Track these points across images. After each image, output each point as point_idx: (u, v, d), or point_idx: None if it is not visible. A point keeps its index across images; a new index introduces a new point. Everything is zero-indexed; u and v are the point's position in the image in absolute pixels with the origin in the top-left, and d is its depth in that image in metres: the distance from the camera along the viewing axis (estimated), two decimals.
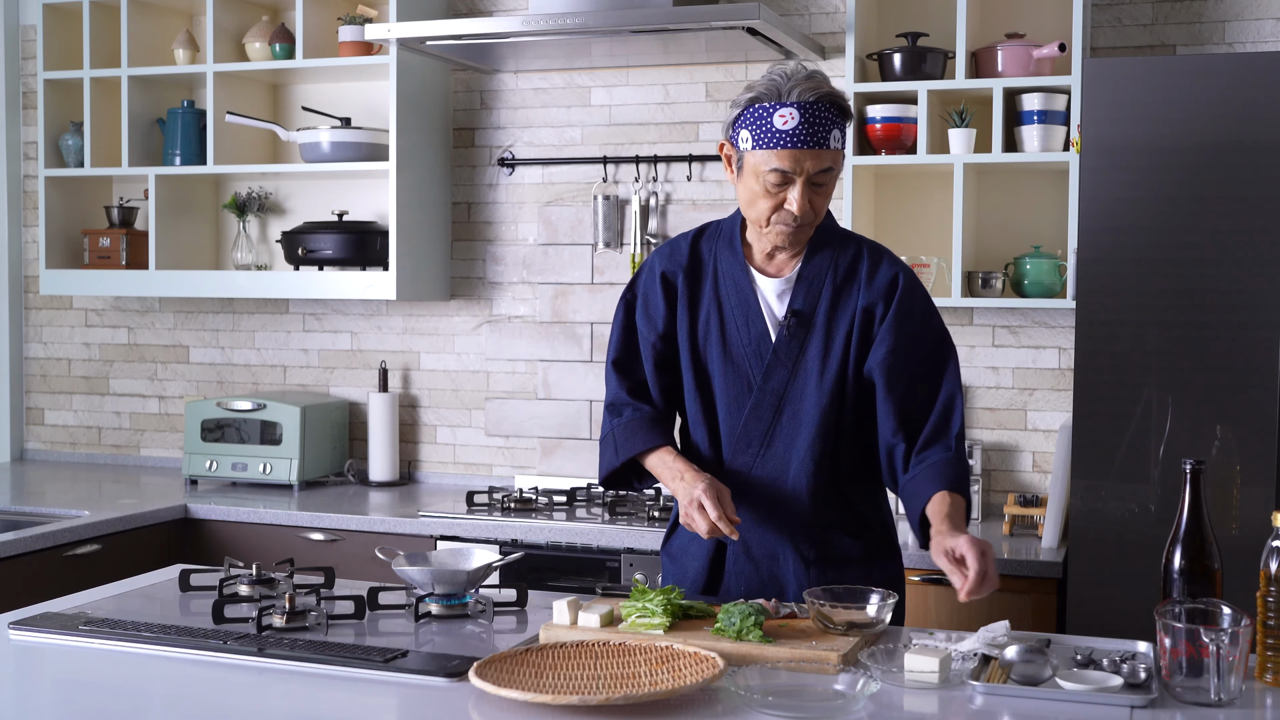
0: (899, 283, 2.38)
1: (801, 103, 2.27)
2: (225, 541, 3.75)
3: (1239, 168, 2.85)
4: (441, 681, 1.98)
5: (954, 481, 2.30)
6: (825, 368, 2.37)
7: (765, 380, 2.39)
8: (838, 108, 2.31)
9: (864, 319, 2.37)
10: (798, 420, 2.38)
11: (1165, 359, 2.91)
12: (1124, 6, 3.60)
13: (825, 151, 2.29)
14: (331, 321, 4.39)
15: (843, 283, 2.39)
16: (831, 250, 2.41)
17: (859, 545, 2.42)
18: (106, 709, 1.95)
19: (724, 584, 2.46)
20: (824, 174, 2.30)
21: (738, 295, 2.42)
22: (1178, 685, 1.88)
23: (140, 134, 4.28)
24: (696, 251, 2.49)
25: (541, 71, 4.10)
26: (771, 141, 2.28)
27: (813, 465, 2.38)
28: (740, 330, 2.41)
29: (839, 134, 2.31)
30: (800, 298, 2.39)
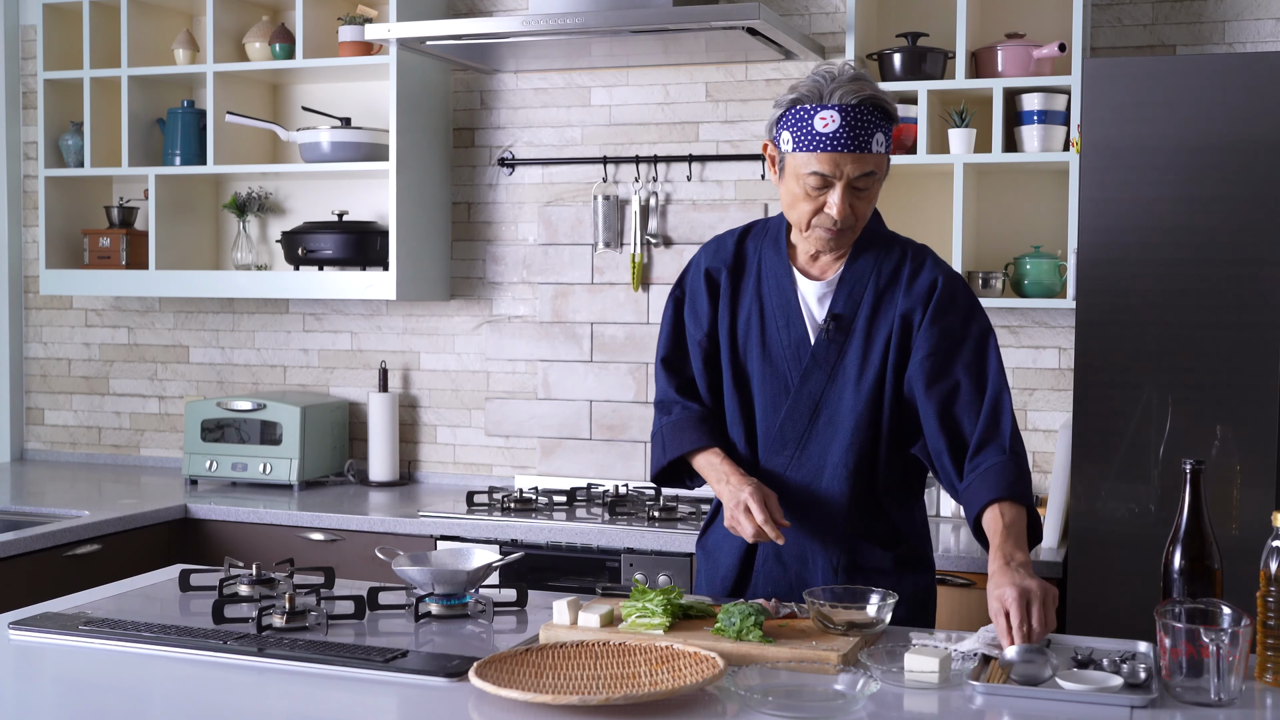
0: (937, 286, 2.33)
1: (843, 105, 2.23)
2: (225, 541, 3.75)
3: (1239, 168, 2.85)
4: (441, 681, 1.98)
5: (1010, 486, 2.21)
6: (863, 373, 2.34)
7: (802, 383, 2.37)
8: (881, 111, 2.26)
9: (902, 326, 2.33)
10: (834, 425, 2.36)
11: (1165, 359, 2.91)
12: (1124, 6, 3.60)
13: (867, 155, 2.25)
14: (331, 321, 4.39)
15: (885, 287, 2.35)
16: (876, 254, 2.38)
17: (889, 557, 2.39)
18: (106, 709, 1.95)
19: (752, 584, 2.45)
20: (865, 178, 2.26)
21: (779, 296, 2.40)
22: (1178, 685, 1.88)
23: (140, 134, 4.28)
24: (742, 249, 2.47)
25: (541, 71, 4.10)
26: (812, 144, 2.25)
27: (847, 471, 2.36)
28: (780, 331, 2.39)
29: (882, 137, 2.27)
30: (841, 301, 2.36)
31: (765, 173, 3.89)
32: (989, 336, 2.35)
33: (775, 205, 3.88)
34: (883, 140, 2.27)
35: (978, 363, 2.32)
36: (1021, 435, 2.32)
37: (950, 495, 2.38)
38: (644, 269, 4.00)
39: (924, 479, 2.49)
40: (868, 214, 2.33)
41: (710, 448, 2.42)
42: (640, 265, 3.99)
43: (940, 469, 2.32)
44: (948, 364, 2.31)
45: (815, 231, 2.31)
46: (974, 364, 2.32)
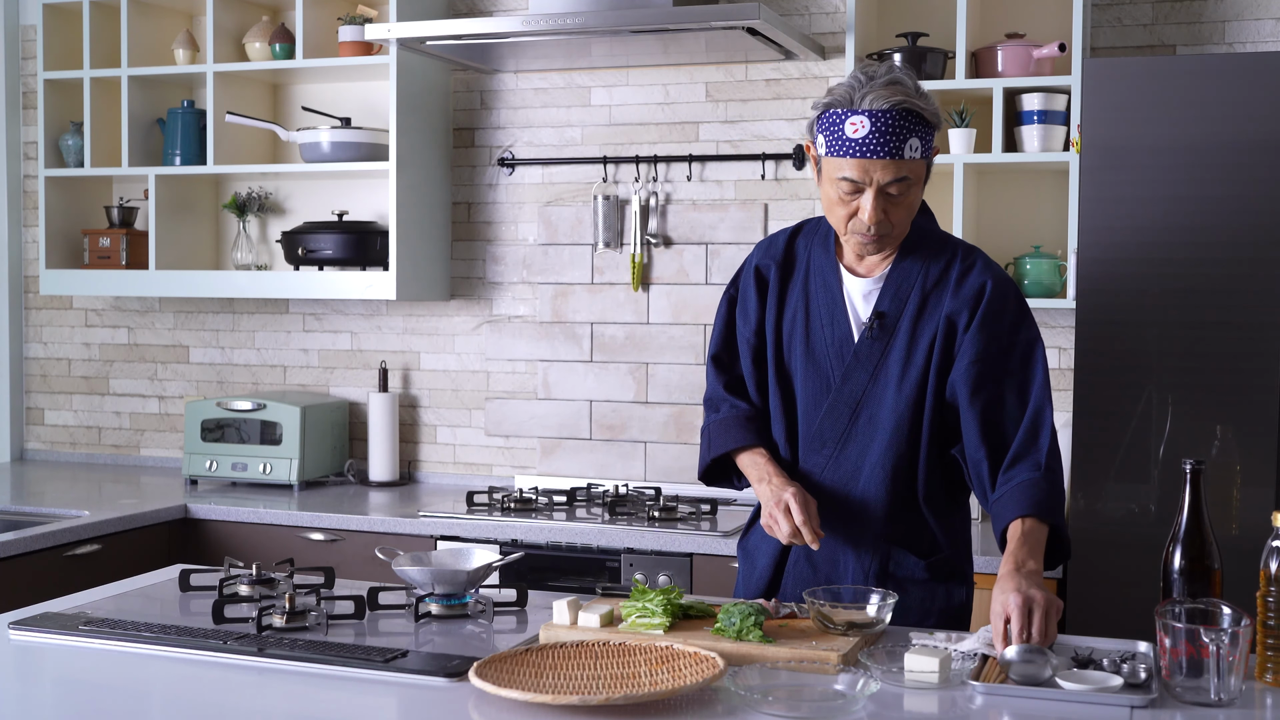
0: (986, 290, 2.28)
1: (873, 111, 2.19)
2: (225, 541, 3.75)
3: (1239, 168, 2.85)
4: (441, 681, 1.98)
5: (1039, 503, 2.18)
6: (906, 374, 2.30)
7: (843, 382, 2.33)
8: (916, 115, 2.21)
9: (947, 328, 2.29)
10: (874, 426, 2.32)
11: (1165, 359, 2.91)
12: (1124, 6, 3.60)
13: (899, 162, 2.20)
14: (331, 321, 4.39)
15: (933, 288, 2.31)
16: (925, 253, 2.34)
17: (923, 566, 2.34)
18: (106, 709, 1.95)
19: (783, 586, 2.42)
20: (898, 184, 2.21)
21: (826, 294, 2.37)
22: (1178, 685, 1.88)
23: (140, 134, 4.28)
24: (792, 246, 2.44)
25: (541, 71, 4.10)
26: (842, 149, 2.21)
27: (885, 473, 2.31)
28: (825, 329, 2.36)
29: (918, 143, 2.21)
30: (886, 300, 2.32)
31: (764, 173, 3.89)
32: (1037, 346, 2.30)
33: (775, 206, 3.88)
34: (918, 146, 2.21)
35: (1023, 372, 2.28)
36: (1060, 451, 2.27)
37: (982, 505, 2.34)
38: (644, 269, 4.00)
39: (967, 488, 2.41)
40: (906, 220, 2.28)
41: (755, 447, 2.40)
42: (640, 265, 3.99)
43: (976, 478, 2.29)
44: (993, 372, 2.27)
45: (852, 236, 2.29)
46: (1019, 373, 2.28)
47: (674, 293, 3.98)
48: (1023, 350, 2.29)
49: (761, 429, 2.43)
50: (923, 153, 2.23)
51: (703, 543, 3.35)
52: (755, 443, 2.41)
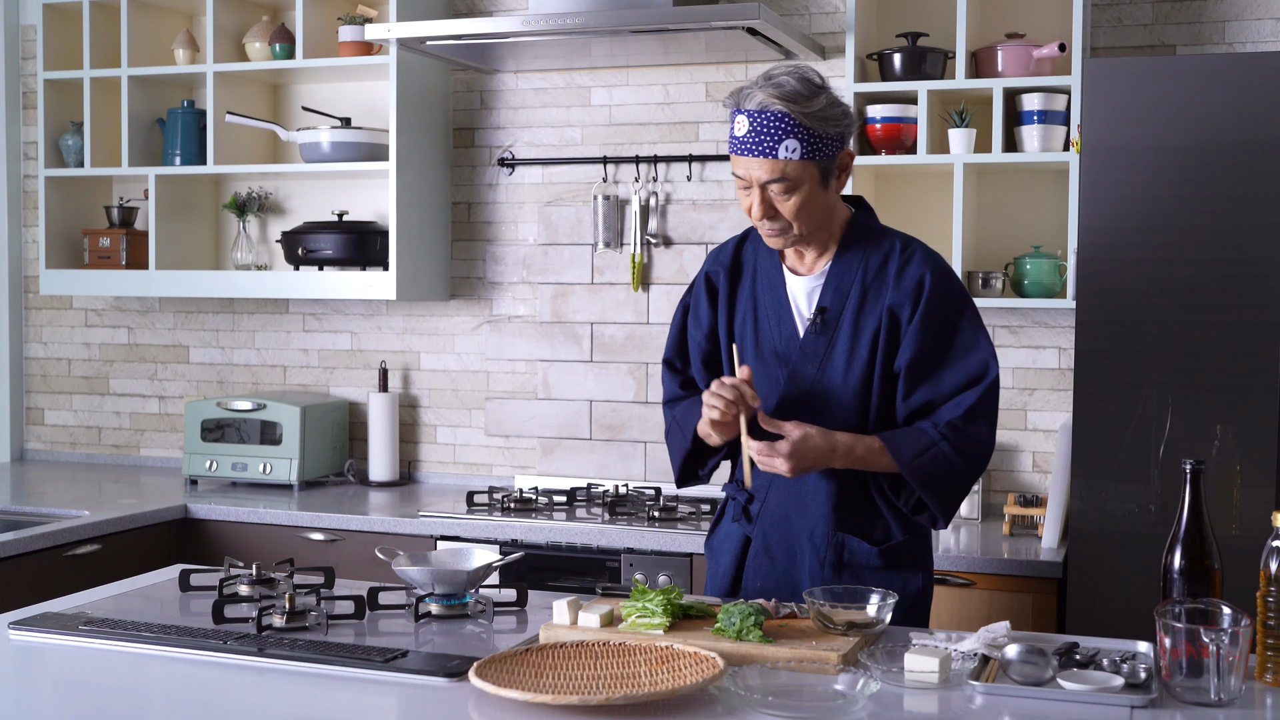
0: (926, 282, 2.33)
1: (750, 111, 2.26)
2: (225, 541, 3.75)
3: (1239, 168, 2.85)
4: (441, 681, 1.98)
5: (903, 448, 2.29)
6: (851, 367, 2.35)
7: (791, 377, 2.39)
8: (792, 119, 2.24)
9: (890, 319, 2.34)
10: (822, 419, 2.35)
11: (1165, 359, 2.91)
12: (1124, 6, 3.60)
13: (775, 162, 2.25)
14: (331, 321, 4.39)
15: (873, 281, 2.36)
16: (864, 247, 2.38)
17: (876, 554, 2.38)
18: (106, 709, 1.95)
19: (744, 580, 2.47)
20: (777, 184, 2.26)
21: (771, 294, 2.42)
22: (1178, 685, 1.88)
23: (140, 134, 4.28)
24: (740, 252, 2.50)
25: (541, 71, 4.10)
26: (731, 147, 2.31)
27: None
28: (772, 328, 2.41)
29: (796, 145, 2.24)
30: (828, 295, 2.37)
31: None
32: (978, 339, 2.35)
33: None
34: (796, 148, 2.24)
35: (964, 358, 2.34)
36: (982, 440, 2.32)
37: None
38: (644, 269, 4.00)
39: None
40: (806, 217, 2.31)
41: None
42: (640, 265, 3.99)
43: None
44: (935, 363, 2.33)
45: (761, 230, 2.35)
46: (960, 360, 2.34)
47: (674, 293, 3.98)
48: (965, 338, 2.34)
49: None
50: (803, 154, 2.25)
51: (703, 543, 3.35)
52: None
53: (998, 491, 3.72)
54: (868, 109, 3.59)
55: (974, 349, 2.34)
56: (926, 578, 2.45)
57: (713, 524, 2.61)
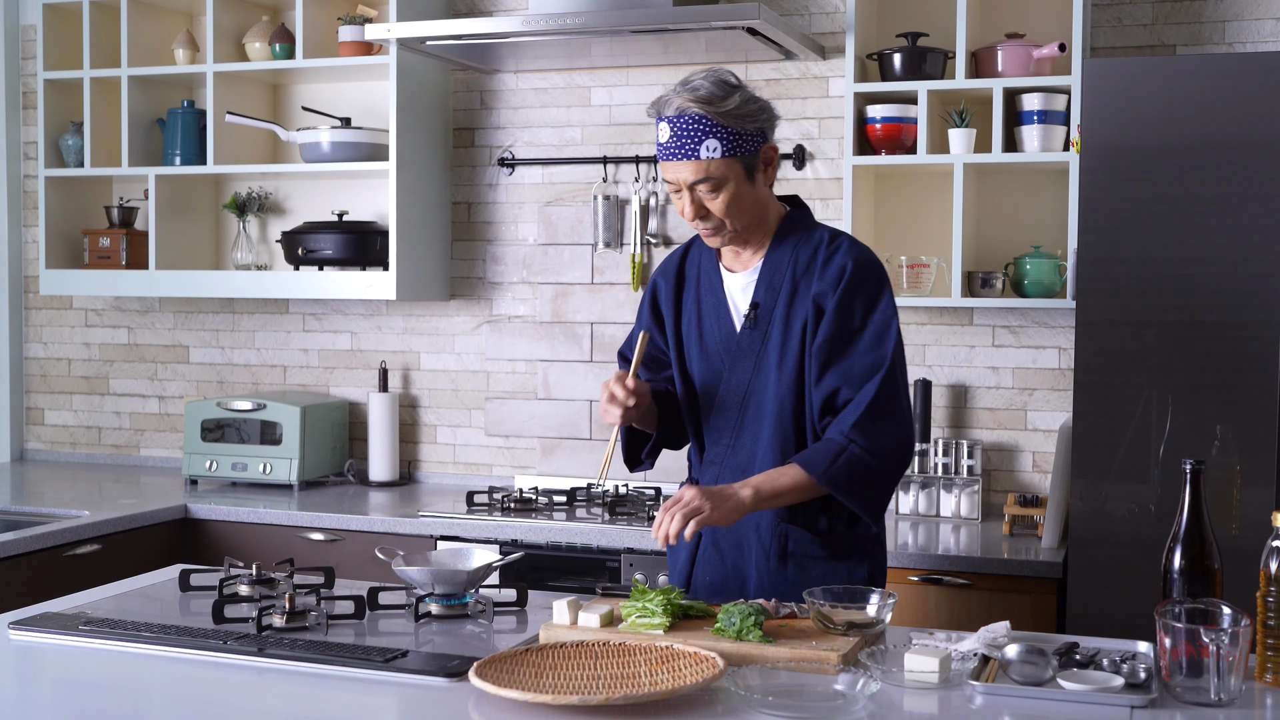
0: (847, 270, 2.38)
1: (670, 117, 2.33)
2: (225, 541, 3.75)
3: (1239, 168, 2.85)
4: (441, 681, 1.98)
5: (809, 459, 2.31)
6: (784, 360, 2.40)
7: (730, 374, 2.45)
8: (709, 121, 2.30)
9: (815, 310, 2.39)
10: (761, 413, 2.42)
11: (1165, 359, 2.91)
12: (1124, 6, 3.60)
13: (697, 162, 2.32)
14: (331, 321, 4.39)
15: (802, 274, 2.42)
16: (794, 242, 2.45)
17: (818, 543, 2.42)
18: (106, 709, 1.95)
19: (695, 575, 2.51)
20: (704, 183, 2.33)
21: (712, 294, 2.49)
22: (1178, 685, 1.88)
23: (140, 134, 4.28)
24: (684, 258, 2.59)
25: (541, 71, 4.10)
26: (658, 153, 2.38)
27: (775, 458, 2.40)
28: (713, 327, 2.48)
29: (716, 144, 2.31)
30: (761, 291, 2.44)
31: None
32: (891, 327, 2.37)
33: None
34: (717, 147, 2.31)
35: (873, 351, 2.35)
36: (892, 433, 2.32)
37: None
38: (644, 269, 4.00)
39: None
40: (734, 212, 2.37)
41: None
42: (640, 265, 3.99)
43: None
44: (844, 350, 2.35)
45: (697, 231, 2.43)
46: (870, 353, 2.35)
47: None
48: (877, 330, 2.36)
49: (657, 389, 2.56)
50: (724, 152, 2.31)
51: None
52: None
53: (998, 491, 3.72)
54: (868, 109, 3.59)
55: (885, 340, 2.36)
56: (874, 566, 2.47)
57: None
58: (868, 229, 3.67)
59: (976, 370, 3.72)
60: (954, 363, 3.74)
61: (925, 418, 3.65)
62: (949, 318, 3.74)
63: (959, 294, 3.50)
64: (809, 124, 3.86)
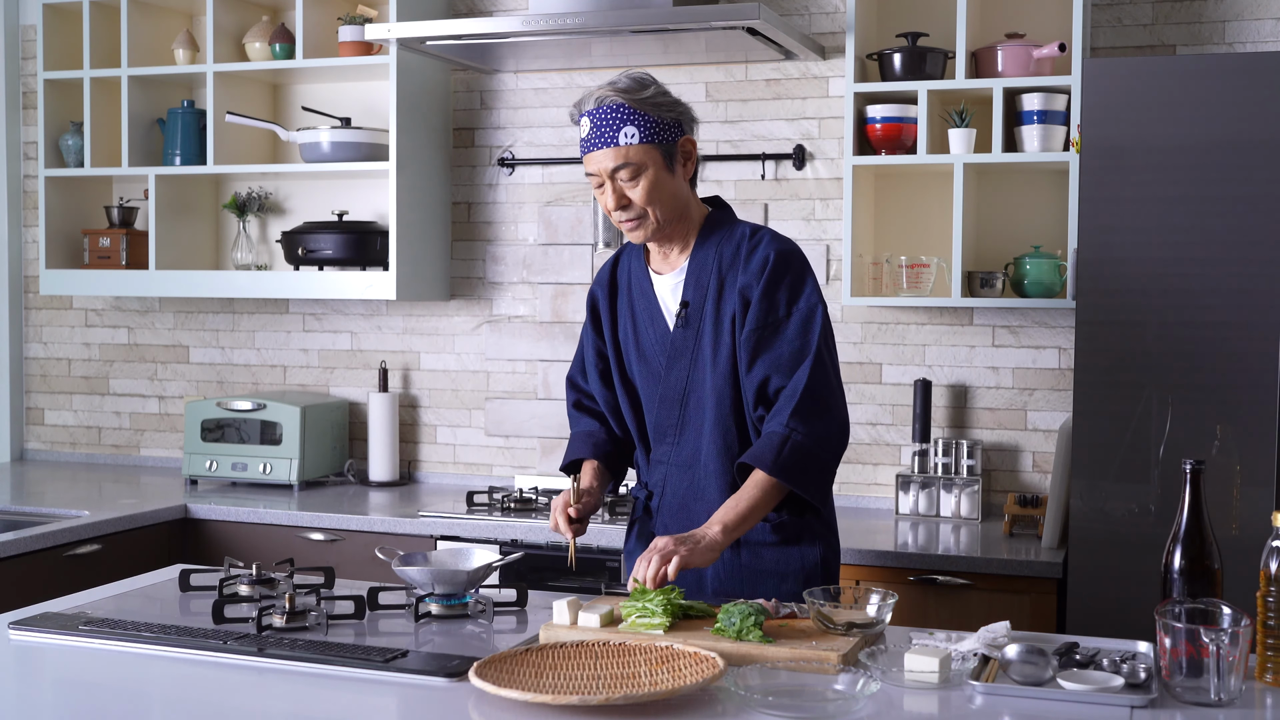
0: (769, 261, 2.41)
1: (589, 110, 2.42)
2: (225, 541, 3.75)
3: (1239, 168, 2.85)
4: (441, 681, 1.98)
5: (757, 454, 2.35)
6: (717, 353, 2.44)
7: (668, 373, 2.49)
8: (627, 108, 2.38)
9: (741, 301, 2.43)
10: (701, 408, 2.47)
11: (1165, 359, 2.91)
12: (1124, 6, 3.60)
13: (616, 149, 2.38)
14: (331, 321, 4.39)
15: (727, 269, 2.45)
16: (718, 239, 2.49)
17: (768, 529, 2.45)
18: (106, 709, 1.95)
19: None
20: (624, 169, 2.39)
21: (643, 299, 2.53)
22: (1178, 685, 1.88)
23: (140, 134, 4.28)
24: (615, 268, 2.63)
25: (541, 71, 4.10)
26: (581, 149, 2.46)
27: (718, 451, 2.45)
28: (647, 330, 2.52)
29: (634, 130, 2.38)
30: (689, 289, 2.48)
31: (764, 173, 3.89)
32: (815, 314, 2.41)
33: (775, 205, 3.88)
34: (634, 134, 2.39)
35: (799, 339, 2.39)
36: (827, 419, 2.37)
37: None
38: None
39: None
40: (655, 200, 2.41)
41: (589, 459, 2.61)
42: None
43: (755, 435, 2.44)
44: (770, 339, 2.40)
45: (621, 227, 2.46)
46: (796, 340, 2.39)
47: None
48: (802, 318, 2.40)
49: (600, 442, 2.63)
50: (642, 138, 2.39)
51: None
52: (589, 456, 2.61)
53: (998, 491, 3.72)
54: (868, 109, 3.59)
55: (811, 327, 2.40)
56: (827, 549, 2.51)
57: (628, 528, 2.68)
58: (868, 229, 3.67)
59: (976, 370, 3.72)
60: (954, 363, 3.75)
61: (925, 418, 3.65)
62: (949, 318, 3.74)
63: (959, 294, 3.50)
64: (809, 124, 3.86)
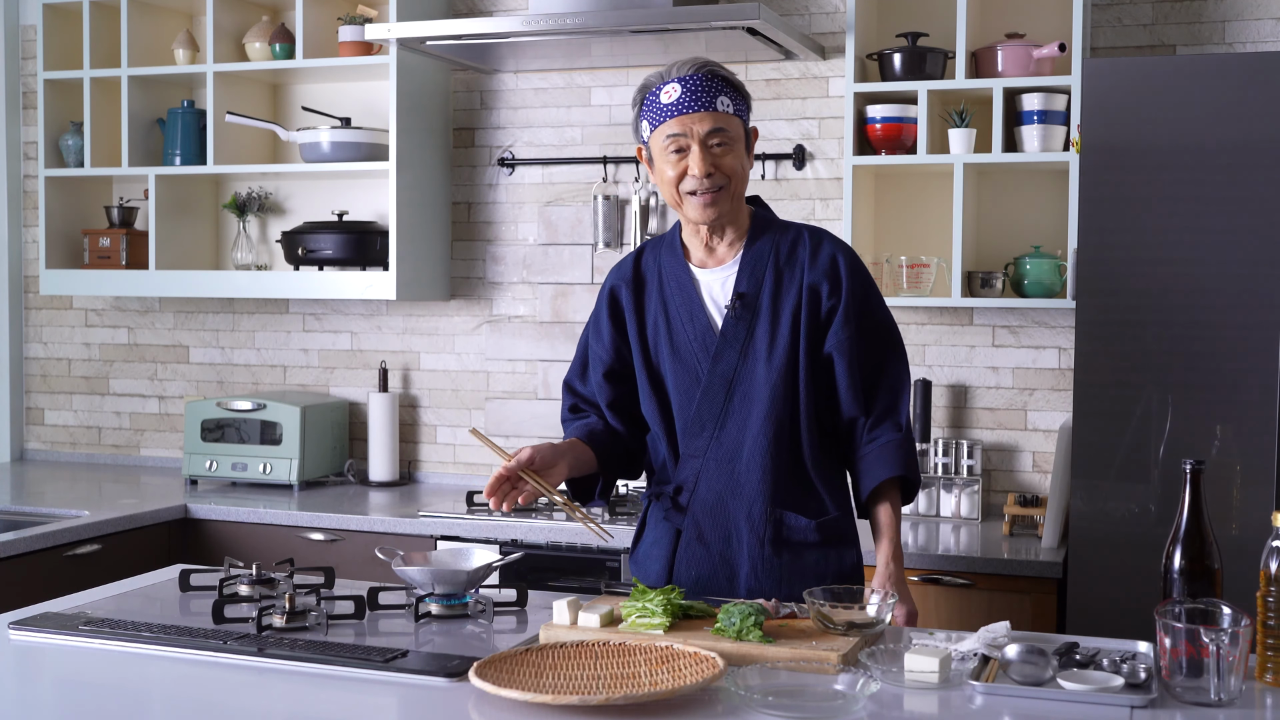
0: (846, 264, 2.44)
1: (682, 76, 2.39)
2: (225, 541, 3.75)
3: (1239, 168, 2.85)
4: (441, 681, 1.98)
5: (903, 464, 2.42)
6: (773, 347, 2.42)
7: (714, 364, 2.44)
8: (722, 78, 2.40)
9: (811, 297, 2.42)
10: (749, 400, 2.42)
11: (1165, 359, 2.91)
12: (1124, 6, 3.60)
13: (714, 114, 2.37)
14: (331, 321, 4.39)
15: (785, 264, 2.45)
16: (772, 235, 2.49)
17: (813, 528, 2.42)
18: (106, 709, 1.95)
19: (675, 571, 2.47)
20: (716, 134, 2.37)
21: (681, 294, 2.49)
22: (1178, 685, 1.88)
23: (140, 134, 4.28)
24: (640, 263, 2.58)
25: (541, 71, 4.10)
26: (662, 115, 2.39)
27: (766, 442, 2.41)
28: (685, 325, 2.48)
29: (728, 101, 2.39)
30: (745, 281, 2.45)
31: (764, 173, 3.89)
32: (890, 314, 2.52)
33: (775, 206, 3.88)
34: (728, 103, 2.39)
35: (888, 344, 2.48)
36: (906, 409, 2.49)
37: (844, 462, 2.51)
38: None
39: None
40: (739, 172, 2.42)
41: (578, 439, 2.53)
42: None
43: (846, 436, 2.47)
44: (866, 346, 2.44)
45: (690, 200, 2.41)
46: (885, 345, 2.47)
47: None
48: (885, 320, 2.49)
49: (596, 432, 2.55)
50: (734, 109, 2.41)
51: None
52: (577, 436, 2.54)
53: (998, 491, 3.72)
54: (868, 109, 3.59)
55: (896, 328, 2.51)
56: (858, 552, 2.50)
57: (636, 534, 2.60)
58: (868, 229, 3.67)
59: (976, 370, 3.72)
60: (954, 363, 3.74)
61: (925, 418, 3.65)
62: (949, 318, 3.74)
63: (959, 294, 3.50)
64: (809, 124, 3.86)
